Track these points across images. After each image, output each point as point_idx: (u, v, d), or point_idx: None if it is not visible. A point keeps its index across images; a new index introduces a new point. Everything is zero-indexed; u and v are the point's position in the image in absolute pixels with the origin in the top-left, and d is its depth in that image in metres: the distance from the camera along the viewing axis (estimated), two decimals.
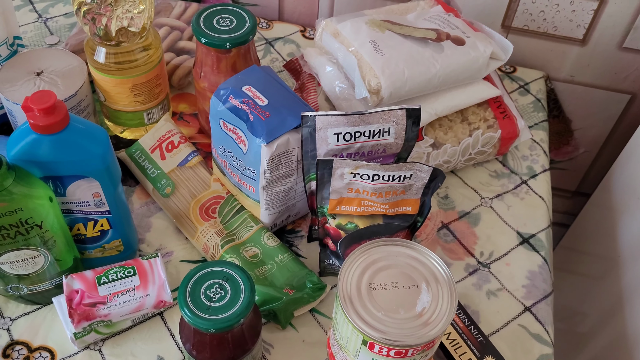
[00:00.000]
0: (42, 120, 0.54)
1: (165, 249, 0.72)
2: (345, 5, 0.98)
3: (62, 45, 0.92)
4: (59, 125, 0.54)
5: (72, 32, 0.92)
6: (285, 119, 0.64)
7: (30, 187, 0.55)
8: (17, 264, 0.60)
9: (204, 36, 0.71)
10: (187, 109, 0.87)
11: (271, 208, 0.70)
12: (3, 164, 0.53)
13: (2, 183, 0.53)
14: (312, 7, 1.00)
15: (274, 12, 1.03)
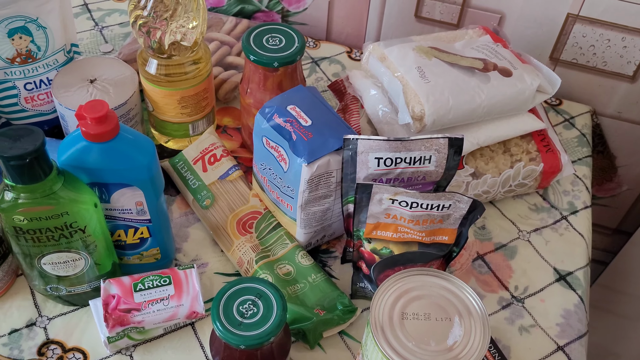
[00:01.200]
0: (94, 128, 0.55)
1: (201, 260, 0.73)
2: (392, 29, 0.99)
3: (115, 53, 0.95)
4: (109, 134, 0.56)
5: (125, 42, 0.94)
6: (328, 140, 0.65)
7: (77, 192, 0.57)
8: (59, 265, 0.62)
9: (253, 54, 0.72)
10: (231, 123, 0.89)
11: (307, 227, 0.70)
12: (54, 169, 0.55)
13: (51, 187, 0.55)
14: (360, 29, 1.01)
15: (321, 32, 1.04)
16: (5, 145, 0.51)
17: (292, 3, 1.02)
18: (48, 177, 0.54)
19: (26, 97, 0.78)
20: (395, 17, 0.98)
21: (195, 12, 0.71)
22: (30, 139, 0.52)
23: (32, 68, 0.76)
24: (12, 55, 0.74)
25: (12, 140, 0.52)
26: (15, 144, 0.51)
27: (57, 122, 0.81)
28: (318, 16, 1.02)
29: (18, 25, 0.73)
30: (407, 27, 0.98)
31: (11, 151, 0.51)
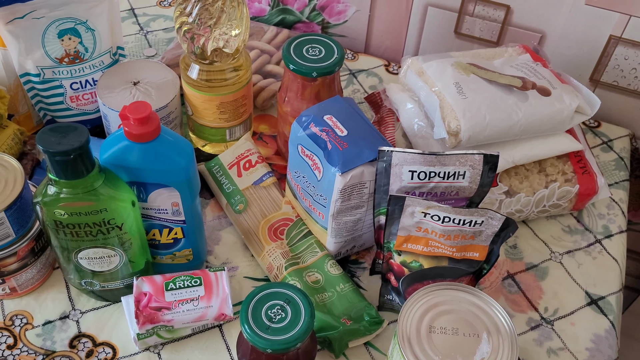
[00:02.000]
0: (136, 129, 0.57)
1: (231, 263, 0.74)
2: (431, 45, 0.99)
3: (158, 58, 0.97)
4: (150, 135, 0.58)
5: (169, 47, 0.97)
6: (363, 151, 0.65)
7: (116, 190, 0.59)
8: (94, 260, 0.63)
9: (292, 63, 0.74)
10: (267, 130, 0.90)
11: (338, 236, 0.71)
12: (96, 166, 0.56)
13: (92, 183, 0.57)
14: (399, 43, 1.02)
15: (360, 45, 1.05)
16: (52, 140, 0.53)
17: (332, 15, 1.03)
18: (90, 173, 0.56)
19: (72, 97, 0.80)
20: (434, 33, 0.98)
21: (239, 20, 0.72)
22: (75, 135, 0.53)
23: (79, 68, 0.79)
24: (61, 55, 0.77)
25: (59, 136, 0.53)
26: (61, 140, 0.53)
27: (99, 121, 0.83)
28: (358, 29, 1.03)
29: (68, 26, 0.76)
30: (446, 42, 0.98)
31: (57, 147, 0.53)
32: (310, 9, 1.03)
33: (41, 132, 0.54)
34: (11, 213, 0.61)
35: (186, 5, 0.71)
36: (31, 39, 0.74)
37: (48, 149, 0.53)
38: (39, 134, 0.53)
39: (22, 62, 0.76)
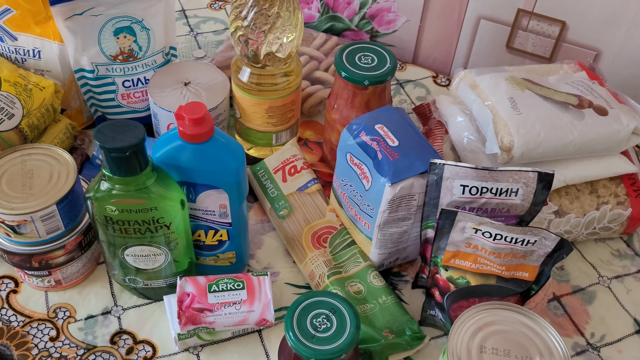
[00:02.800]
0: (191, 129, 0.57)
1: (273, 268, 0.74)
2: (481, 58, 0.98)
3: (208, 59, 0.98)
4: (204, 136, 0.58)
5: (218, 49, 0.97)
6: (413, 162, 0.64)
7: (167, 189, 0.59)
8: (140, 258, 0.64)
9: (344, 70, 0.73)
10: (313, 137, 0.90)
11: (382, 248, 0.70)
12: (149, 164, 0.57)
13: (144, 181, 0.57)
14: (448, 55, 1.01)
15: (409, 55, 1.04)
16: (109, 137, 0.53)
17: (382, 24, 1.02)
18: (143, 171, 0.56)
19: (123, 94, 0.81)
20: (485, 46, 0.97)
21: (293, 26, 0.72)
22: (131, 133, 0.54)
23: (131, 66, 0.79)
24: (116, 53, 0.78)
25: (115, 132, 0.54)
26: (118, 137, 0.53)
27: (148, 120, 0.84)
28: (407, 39, 1.02)
29: (124, 25, 0.76)
30: (497, 56, 0.97)
31: (113, 143, 0.53)
32: (360, 17, 1.03)
33: (99, 127, 0.54)
34: (62, 206, 0.62)
35: (242, 9, 0.71)
36: (88, 35, 0.75)
37: (105, 144, 0.53)
38: (97, 129, 0.54)
39: (77, 58, 0.77)
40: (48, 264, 0.65)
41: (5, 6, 0.72)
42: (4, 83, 0.72)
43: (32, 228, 0.62)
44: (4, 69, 0.74)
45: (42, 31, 0.75)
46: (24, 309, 0.68)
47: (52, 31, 0.75)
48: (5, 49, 0.77)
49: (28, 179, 0.63)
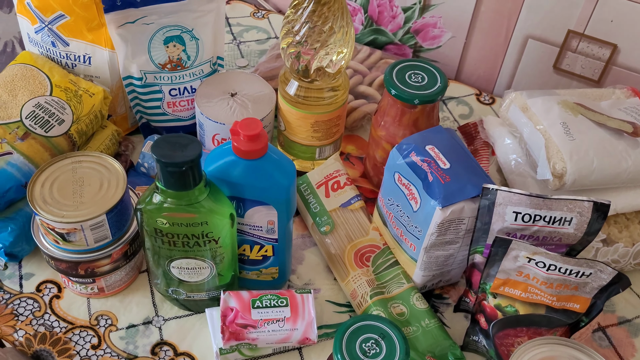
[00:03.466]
0: (245, 145, 0.57)
1: (313, 285, 0.73)
2: (527, 78, 0.97)
3: (250, 68, 0.98)
4: (258, 152, 0.57)
5: (261, 59, 0.97)
6: (465, 186, 0.63)
7: (218, 204, 0.58)
8: (185, 270, 0.63)
9: (394, 88, 0.72)
10: (355, 152, 0.89)
11: (427, 270, 0.69)
12: (203, 180, 0.56)
13: (197, 196, 0.57)
14: (493, 73, 1.00)
15: (452, 71, 1.03)
16: (165, 151, 0.53)
17: (426, 39, 1.01)
18: (197, 186, 0.56)
19: (169, 102, 0.81)
20: (532, 66, 0.95)
21: (345, 41, 0.71)
22: (188, 148, 0.54)
23: (179, 75, 0.80)
24: (164, 62, 0.78)
25: (172, 146, 0.54)
26: (174, 151, 0.53)
27: (192, 128, 0.84)
28: (451, 55, 1.01)
29: (175, 34, 0.77)
30: (543, 77, 0.95)
31: (170, 157, 0.53)
32: (404, 32, 1.02)
33: (156, 141, 0.54)
34: (111, 216, 0.62)
35: (294, 25, 0.70)
36: (138, 43, 0.76)
37: (161, 159, 0.53)
38: (154, 142, 0.54)
39: (127, 65, 0.77)
40: (93, 272, 0.65)
41: (59, 12, 0.73)
42: (55, 88, 0.73)
43: (81, 236, 0.62)
44: (55, 74, 0.74)
45: (93, 38, 0.75)
46: (66, 314, 0.68)
47: (104, 38, 0.75)
48: (57, 54, 0.77)
49: (79, 186, 0.63)
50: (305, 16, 0.69)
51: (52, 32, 0.75)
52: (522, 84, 0.98)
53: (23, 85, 0.72)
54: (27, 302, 0.69)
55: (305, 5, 0.69)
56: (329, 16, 0.69)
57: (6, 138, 0.68)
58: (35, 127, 0.69)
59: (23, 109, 0.70)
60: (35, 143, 0.69)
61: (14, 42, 1.15)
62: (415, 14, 0.99)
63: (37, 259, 0.72)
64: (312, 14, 0.69)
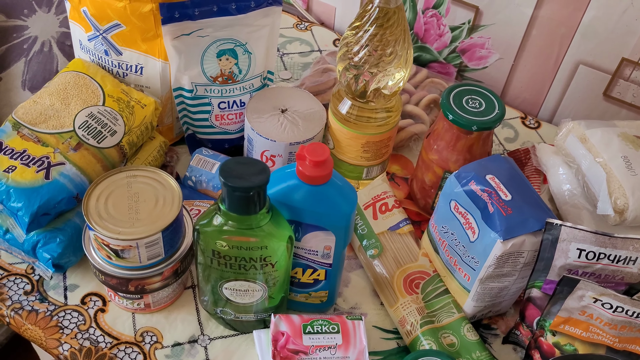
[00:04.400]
0: (311, 171, 0.56)
1: (360, 309, 0.72)
2: (574, 103, 0.95)
3: (294, 81, 0.97)
4: (323, 178, 0.56)
5: (305, 73, 0.96)
6: (527, 220, 0.62)
7: (278, 229, 0.57)
8: (237, 292, 0.62)
9: (451, 113, 0.71)
10: (400, 172, 0.88)
11: (479, 301, 0.68)
12: (266, 205, 0.55)
13: (260, 221, 0.56)
14: (539, 97, 0.98)
15: (496, 93, 1.01)
16: (233, 174, 0.52)
17: (472, 59, 1.00)
18: (261, 211, 0.55)
19: (217, 115, 0.80)
20: (581, 92, 0.94)
21: (404, 64, 0.70)
22: (257, 172, 0.52)
23: (229, 89, 0.79)
24: (216, 75, 0.77)
25: (240, 170, 0.52)
26: (242, 175, 0.52)
27: (237, 142, 0.83)
28: (497, 77, 1.00)
29: (228, 47, 0.76)
30: (591, 103, 0.94)
31: (238, 182, 0.52)
32: (450, 51, 1.01)
33: (224, 164, 0.53)
34: (167, 234, 0.61)
35: (353, 46, 0.69)
36: (192, 55, 0.75)
37: (229, 182, 0.52)
38: (223, 165, 0.53)
39: (178, 77, 0.76)
40: (143, 289, 0.64)
41: (115, 21, 0.72)
42: (108, 98, 0.72)
43: (135, 253, 0.61)
44: (107, 83, 0.73)
45: (147, 48, 0.74)
46: (111, 329, 0.67)
47: (158, 49, 0.74)
48: (109, 63, 0.76)
49: (134, 202, 0.62)
50: (366, 39, 0.68)
51: (106, 41, 0.74)
52: (568, 109, 0.97)
53: (76, 94, 0.71)
54: (72, 315, 0.68)
55: (367, 29, 0.68)
56: (390, 40, 0.68)
57: (59, 148, 0.67)
58: (88, 138, 0.68)
59: (76, 119, 0.69)
60: (88, 154, 0.68)
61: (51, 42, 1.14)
62: (463, 33, 0.98)
63: (81, 269, 0.71)
64: (372, 37, 0.68)
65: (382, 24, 0.67)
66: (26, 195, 0.63)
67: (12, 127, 0.68)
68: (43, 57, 1.15)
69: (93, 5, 0.71)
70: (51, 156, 0.66)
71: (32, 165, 0.65)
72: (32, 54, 0.91)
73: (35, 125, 0.68)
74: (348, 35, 0.70)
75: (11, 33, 0.89)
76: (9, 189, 0.64)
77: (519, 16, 0.91)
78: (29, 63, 0.89)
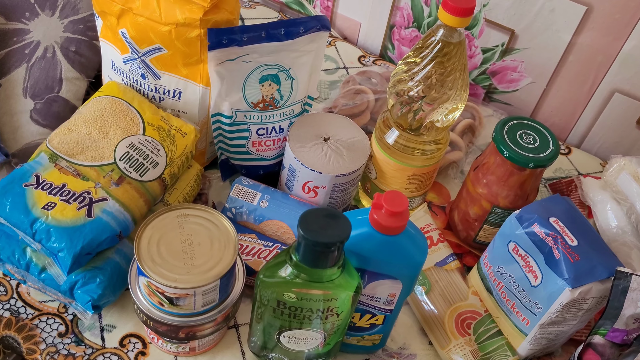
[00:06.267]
0: (387, 221, 0.53)
1: (408, 349, 0.70)
2: (605, 130, 0.94)
3: (322, 101, 0.93)
4: (399, 229, 0.53)
5: (334, 92, 0.93)
6: (595, 267, 0.60)
7: (349, 279, 0.54)
8: (296, 340, 0.59)
9: (507, 149, 0.69)
10: (436, 200, 0.85)
11: (535, 344, 0.66)
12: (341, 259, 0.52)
13: (332, 274, 0.53)
14: (569, 122, 0.97)
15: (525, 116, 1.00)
16: (314, 227, 0.49)
17: (502, 82, 0.98)
18: (335, 265, 0.52)
19: (254, 142, 0.77)
20: (613, 119, 0.93)
21: (462, 98, 0.68)
22: (337, 225, 0.49)
23: (269, 115, 0.75)
24: (257, 101, 0.73)
25: (320, 223, 0.49)
26: (323, 229, 0.49)
27: (272, 168, 0.80)
28: (527, 100, 0.98)
29: (271, 72, 0.72)
30: (623, 131, 0.93)
31: (319, 237, 0.49)
32: (480, 72, 0.99)
33: (304, 215, 0.49)
34: (223, 280, 0.58)
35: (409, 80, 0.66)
36: (234, 81, 0.71)
37: (309, 237, 0.49)
38: (303, 216, 0.49)
39: (218, 102, 0.72)
40: (194, 336, 0.61)
41: (157, 44, 0.68)
42: (148, 126, 0.68)
43: (190, 301, 0.57)
44: (145, 110, 0.69)
45: (188, 73, 0.70)
46: None
47: (200, 74, 0.70)
48: (144, 86, 0.72)
49: (188, 245, 0.58)
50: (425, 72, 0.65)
51: (144, 64, 0.70)
52: (599, 135, 0.96)
53: (114, 122, 0.67)
54: (111, 359, 0.64)
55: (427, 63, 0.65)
56: (450, 75, 0.65)
57: (100, 182, 0.63)
58: (130, 171, 0.64)
59: (117, 150, 0.65)
60: (131, 188, 0.64)
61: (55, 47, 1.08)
62: (496, 56, 0.96)
63: (117, 308, 0.67)
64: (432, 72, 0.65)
65: (443, 58, 0.65)
66: (68, 235, 0.59)
67: (48, 158, 0.63)
68: (46, 64, 1.09)
69: (134, 28, 0.67)
70: (92, 191, 0.62)
71: (73, 201, 0.61)
72: (34, 59, 0.85)
73: (73, 157, 0.64)
74: (402, 68, 0.68)
75: (11, 37, 0.84)
76: (48, 227, 0.59)
77: (556, 42, 0.90)
78: (31, 69, 0.83)
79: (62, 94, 0.80)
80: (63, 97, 0.80)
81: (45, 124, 0.77)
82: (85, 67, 0.84)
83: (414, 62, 0.66)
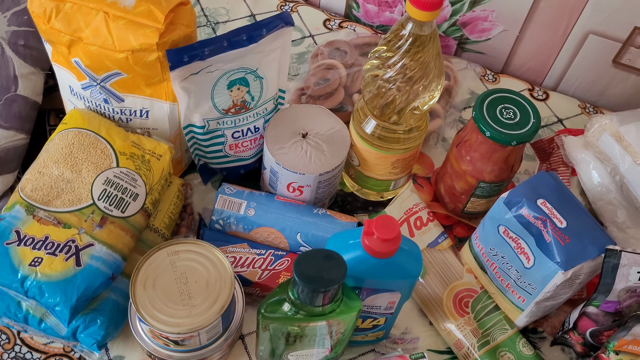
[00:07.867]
0: (379, 247, 0.53)
1: (411, 333, 0.72)
2: (581, 71, 0.93)
3: (292, 78, 0.90)
4: (391, 253, 0.53)
5: (303, 68, 0.90)
6: (586, 247, 0.61)
7: (349, 305, 0.55)
8: (303, 357, 0.61)
9: (488, 129, 0.68)
10: (420, 171, 0.85)
11: (532, 317, 0.68)
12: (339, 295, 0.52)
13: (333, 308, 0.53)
14: (544, 66, 0.95)
15: (498, 63, 0.98)
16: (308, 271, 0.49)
17: (474, 32, 0.95)
18: (333, 301, 0.52)
19: (231, 145, 0.75)
20: (588, 60, 0.91)
21: (437, 85, 0.66)
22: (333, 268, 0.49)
23: (242, 117, 0.73)
24: (228, 106, 0.71)
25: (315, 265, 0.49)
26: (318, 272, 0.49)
27: (252, 166, 0.79)
28: (500, 48, 0.96)
29: (238, 76, 0.69)
30: (599, 70, 0.92)
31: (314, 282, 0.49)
32: (450, 24, 0.96)
33: (298, 259, 0.49)
34: (225, 314, 0.58)
35: (385, 67, 0.64)
36: (202, 92, 0.68)
37: (305, 282, 0.48)
38: (297, 260, 0.49)
39: (188, 115, 0.70)
40: None
41: (115, 70, 0.64)
42: (121, 157, 0.65)
43: (195, 340, 0.58)
44: (115, 138, 0.66)
45: (152, 92, 0.67)
46: None
47: (165, 92, 0.67)
48: (109, 110, 0.69)
49: (184, 284, 0.58)
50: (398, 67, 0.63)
51: (105, 90, 0.66)
52: (575, 77, 0.94)
53: (85, 158, 0.64)
54: None
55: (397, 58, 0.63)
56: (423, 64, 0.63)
57: (83, 227, 0.61)
58: (112, 209, 0.63)
59: (93, 189, 0.63)
60: (115, 227, 0.62)
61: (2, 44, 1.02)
62: (465, 7, 0.92)
63: (122, 337, 0.68)
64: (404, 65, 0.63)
65: (417, 49, 0.62)
66: (60, 289, 0.58)
67: (25, 210, 0.61)
68: None
69: (88, 57, 0.63)
70: (77, 238, 0.60)
71: (59, 253, 0.59)
72: None
73: (50, 204, 0.62)
74: (374, 63, 0.65)
75: None
76: (40, 284, 0.58)
77: None
78: None
79: (20, 92, 0.75)
80: (21, 95, 0.75)
81: (8, 126, 0.72)
82: (38, 60, 0.78)
83: (387, 57, 0.64)
